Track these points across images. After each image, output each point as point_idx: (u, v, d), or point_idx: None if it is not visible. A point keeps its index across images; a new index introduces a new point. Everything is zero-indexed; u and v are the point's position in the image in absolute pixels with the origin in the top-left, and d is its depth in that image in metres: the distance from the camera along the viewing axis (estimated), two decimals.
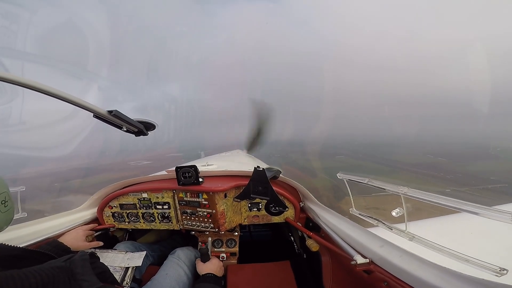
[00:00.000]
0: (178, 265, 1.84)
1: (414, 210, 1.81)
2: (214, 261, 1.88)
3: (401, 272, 1.13)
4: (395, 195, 1.32)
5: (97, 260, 1.28)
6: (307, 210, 2.14)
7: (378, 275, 1.23)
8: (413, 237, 1.25)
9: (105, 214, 2.20)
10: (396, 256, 1.20)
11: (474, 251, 1.00)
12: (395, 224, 1.38)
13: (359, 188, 1.72)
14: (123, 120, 1.46)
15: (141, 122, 1.63)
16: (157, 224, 2.21)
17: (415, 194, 1.25)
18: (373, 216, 1.53)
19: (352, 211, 1.72)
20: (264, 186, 1.85)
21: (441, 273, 0.99)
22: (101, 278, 1.03)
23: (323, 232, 1.82)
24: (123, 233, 2.47)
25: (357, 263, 1.31)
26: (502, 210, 0.90)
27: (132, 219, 2.21)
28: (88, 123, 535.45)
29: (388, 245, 1.30)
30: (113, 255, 1.85)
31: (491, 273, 0.92)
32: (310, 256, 2.08)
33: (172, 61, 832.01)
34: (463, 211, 1.02)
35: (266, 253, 2.72)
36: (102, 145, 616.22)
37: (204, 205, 2.00)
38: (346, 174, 1.73)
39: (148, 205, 2.15)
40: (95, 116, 1.38)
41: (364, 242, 1.41)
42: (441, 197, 1.13)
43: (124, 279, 1.69)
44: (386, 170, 64.63)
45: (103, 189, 2.18)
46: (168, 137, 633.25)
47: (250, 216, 2.19)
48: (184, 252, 1.99)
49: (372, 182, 1.52)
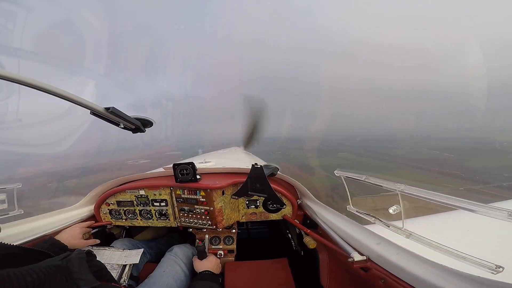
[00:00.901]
0: (176, 263, 1.84)
1: (427, 210, 1.79)
2: (211, 258, 1.88)
3: (398, 270, 1.13)
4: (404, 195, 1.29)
5: (94, 258, 1.28)
6: (304, 207, 2.14)
7: (375, 272, 1.23)
8: (410, 235, 1.25)
9: (102, 211, 2.20)
10: (393, 253, 1.21)
11: (470, 249, 1.01)
12: (392, 221, 1.38)
13: (366, 189, 1.66)
14: (120, 117, 1.45)
15: (138, 119, 1.62)
16: (154, 221, 2.21)
17: (411, 192, 1.25)
18: (370, 214, 1.54)
19: (350, 208, 1.73)
20: (262, 183, 1.85)
21: (438, 271, 0.99)
22: (98, 276, 1.03)
23: (321, 230, 1.82)
24: (120, 230, 2.46)
25: (354, 260, 1.31)
26: (498, 207, 0.90)
27: (129, 216, 2.21)
28: (83, 120, 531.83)
29: (385, 242, 1.31)
30: (110, 252, 1.85)
31: (487, 271, 0.92)
32: (308, 253, 2.08)
33: (170, 57, 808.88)
34: (460, 208, 1.02)
35: (264, 250, 2.72)
36: (98, 143, 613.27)
37: (202, 202, 2.00)
38: (343, 171, 1.73)
39: (145, 202, 2.14)
40: (92, 113, 1.37)
41: (361, 239, 1.42)
42: (438, 194, 1.13)
43: (122, 276, 1.68)
44: (393, 168, 63.38)
45: (100, 186, 2.17)
46: (165, 134, 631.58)
47: (248, 213, 2.19)
48: (181, 249, 1.99)
49: (369, 180, 1.52)
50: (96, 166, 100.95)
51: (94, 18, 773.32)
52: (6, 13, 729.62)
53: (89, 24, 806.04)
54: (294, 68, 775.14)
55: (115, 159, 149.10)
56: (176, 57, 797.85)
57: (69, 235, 1.73)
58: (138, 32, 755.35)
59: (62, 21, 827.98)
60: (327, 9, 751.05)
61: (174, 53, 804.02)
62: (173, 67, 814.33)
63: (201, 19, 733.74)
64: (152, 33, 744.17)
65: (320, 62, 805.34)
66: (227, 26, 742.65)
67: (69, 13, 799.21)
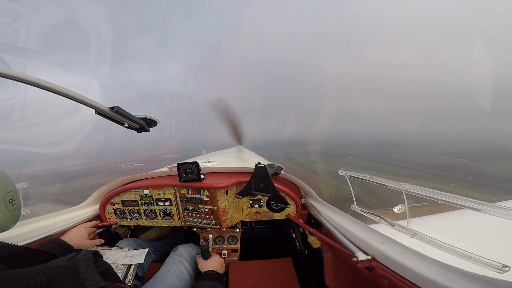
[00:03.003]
0: (180, 262, 1.85)
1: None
2: (215, 258, 1.88)
3: (403, 269, 1.12)
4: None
5: (100, 258, 1.29)
6: (308, 206, 2.14)
7: (380, 271, 1.23)
8: (415, 234, 1.25)
9: (107, 211, 2.21)
10: (398, 252, 1.20)
11: (476, 248, 1.00)
12: (397, 220, 1.37)
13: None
14: (124, 116, 1.46)
15: (143, 119, 1.63)
16: (159, 220, 2.22)
17: (416, 191, 1.24)
18: (375, 213, 1.53)
19: (354, 207, 1.72)
20: (266, 182, 1.85)
21: (443, 270, 0.99)
22: (104, 276, 1.03)
23: (325, 229, 1.82)
24: (125, 230, 2.48)
25: (359, 259, 1.30)
26: (504, 206, 0.89)
27: (134, 215, 2.22)
28: (80, 121, 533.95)
29: (390, 241, 1.30)
30: (115, 252, 1.86)
31: (493, 270, 0.91)
32: (312, 253, 2.08)
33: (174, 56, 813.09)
34: (466, 207, 1.02)
35: (268, 250, 2.72)
36: (90, 145, 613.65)
37: (206, 201, 2.01)
38: (347, 171, 1.73)
39: (150, 201, 2.15)
40: (97, 113, 1.38)
41: (366, 238, 1.41)
42: (443, 194, 1.12)
43: (127, 276, 1.70)
44: (407, 174, 60.30)
45: (105, 185, 2.18)
46: (169, 133, 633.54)
47: (252, 213, 2.19)
48: (185, 249, 2.00)
49: (374, 179, 1.51)
50: (86, 169, 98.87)
51: (97, 17, 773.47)
52: (11, 13, 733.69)
53: (94, 22, 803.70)
54: (301, 69, 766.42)
55: (107, 161, 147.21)
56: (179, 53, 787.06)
57: (74, 235, 1.75)
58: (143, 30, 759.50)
59: (67, 19, 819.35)
60: (327, 9, 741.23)
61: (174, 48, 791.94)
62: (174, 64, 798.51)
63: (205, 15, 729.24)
64: (156, 32, 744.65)
65: (324, 60, 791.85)
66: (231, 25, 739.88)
67: (75, 12, 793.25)
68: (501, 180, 49.52)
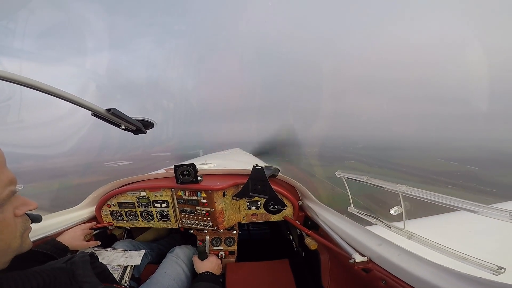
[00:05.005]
0: (177, 264, 1.84)
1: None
2: (212, 259, 1.88)
3: (399, 271, 1.13)
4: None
5: (96, 260, 1.28)
6: (305, 208, 2.14)
7: (377, 273, 1.23)
8: (412, 236, 1.25)
9: (103, 212, 2.20)
10: (394, 254, 1.20)
11: (472, 250, 1.00)
12: (394, 222, 1.38)
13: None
14: (121, 118, 1.45)
15: (140, 120, 1.62)
16: (155, 222, 2.21)
17: (413, 193, 1.25)
18: (372, 215, 1.53)
19: (351, 209, 1.72)
20: (263, 184, 1.85)
21: (439, 272, 0.99)
22: (100, 277, 1.03)
23: (322, 231, 1.82)
24: (121, 232, 2.46)
25: (356, 261, 1.31)
26: (500, 208, 0.90)
27: (130, 217, 2.21)
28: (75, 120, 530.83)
29: (386, 243, 1.30)
30: (111, 253, 1.85)
31: (489, 272, 0.92)
32: (309, 255, 2.08)
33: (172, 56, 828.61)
34: (462, 209, 1.02)
35: (265, 251, 2.72)
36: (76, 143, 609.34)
37: (203, 203, 2.00)
38: (344, 173, 1.73)
39: (146, 203, 2.14)
40: (93, 115, 1.37)
41: (363, 240, 1.42)
42: (439, 196, 1.13)
43: (123, 277, 1.69)
44: (415, 181, 57.98)
45: (101, 187, 2.17)
46: (166, 135, 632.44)
47: (249, 215, 2.19)
48: (182, 250, 2.00)
49: (370, 181, 1.52)
50: (69, 167, 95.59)
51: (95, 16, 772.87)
52: (7, 14, 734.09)
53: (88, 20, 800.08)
54: (300, 69, 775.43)
55: (91, 159, 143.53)
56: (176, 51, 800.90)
57: (70, 236, 1.73)
58: None
59: (72, 22, 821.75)
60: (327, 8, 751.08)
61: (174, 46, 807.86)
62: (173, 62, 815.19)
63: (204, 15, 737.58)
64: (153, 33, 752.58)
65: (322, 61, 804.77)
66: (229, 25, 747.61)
67: (76, 11, 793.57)
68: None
